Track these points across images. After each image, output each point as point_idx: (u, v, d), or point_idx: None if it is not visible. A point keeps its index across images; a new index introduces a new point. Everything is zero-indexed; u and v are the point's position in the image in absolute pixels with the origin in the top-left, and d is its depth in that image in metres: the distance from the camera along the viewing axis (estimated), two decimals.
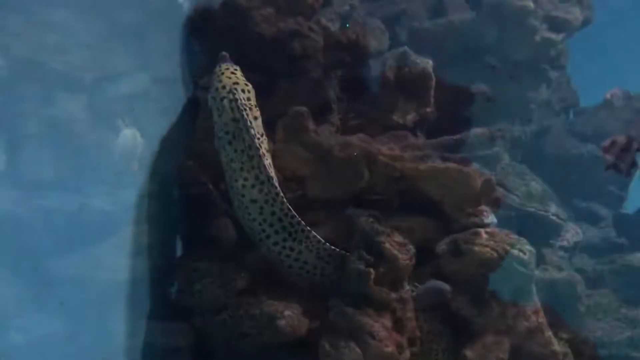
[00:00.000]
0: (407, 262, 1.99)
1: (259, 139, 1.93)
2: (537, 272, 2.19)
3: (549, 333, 2.06)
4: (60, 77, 1.57)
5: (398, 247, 2.00)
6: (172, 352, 2.04)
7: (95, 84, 1.72)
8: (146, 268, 2.03)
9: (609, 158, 2.18)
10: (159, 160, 2.08)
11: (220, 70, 1.97)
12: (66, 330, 1.61)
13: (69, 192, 1.62)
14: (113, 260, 1.86)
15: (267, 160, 1.95)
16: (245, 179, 1.94)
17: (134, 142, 1.92)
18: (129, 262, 1.93)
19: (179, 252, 2.22)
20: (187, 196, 2.25)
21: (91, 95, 1.69)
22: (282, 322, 1.94)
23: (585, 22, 2.81)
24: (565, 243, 2.49)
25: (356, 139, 2.18)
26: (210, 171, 2.22)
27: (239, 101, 1.90)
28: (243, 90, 1.94)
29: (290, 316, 1.96)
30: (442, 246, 2.10)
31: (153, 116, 2.08)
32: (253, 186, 1.94)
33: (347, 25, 2.47)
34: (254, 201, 1.95)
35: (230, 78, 1.95)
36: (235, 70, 1.98)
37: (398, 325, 1.99)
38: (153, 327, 1.99)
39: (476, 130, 2.25)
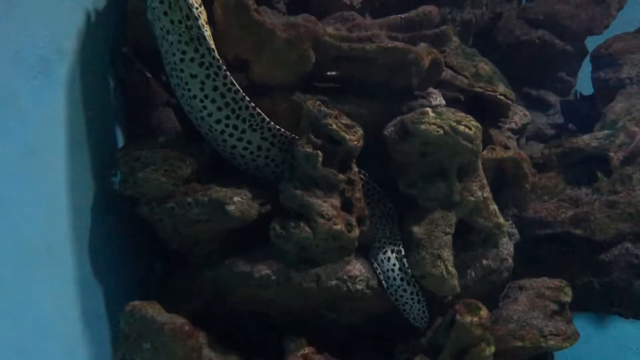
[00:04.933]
0: (355, 143, 1.97)
1: (197, 8, 1.82)
2: (484, 152, 2.21)
3: (494, 207, 2.11)
4: None
5: (345, 129, 1.97)
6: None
7: None
8: (86, 160, 1.96)
9: None
10: (91, 45, 1.96)
11: None
12: (2, 223, 1.55)
13: None
14: (49, 149, 1.77)
15: (207, 32, 1.85)
16: (184, 52, 1.84)
17: None
18: (67, 151, 1.84)
19: (120, 143, 2.15)
20: (125, 86, 2.15)
21: None
22: (231, 207, 1.93)
23: None
24: (513, 125, 2.49)
25: (301, 19, 2.08)
26: (147, 58, 2.12)
27: None
28: None
29: (239, 201, 1.95)
30: (389, 128, 2.08)
31: (79, 1, 1.93)
32: (192, 60, 1.85)
33: None
34: (193, 76, 1.87)
35: None
36: None
37: (347, 205, 2.01)
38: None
39: (424, 8, 2.17)
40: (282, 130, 2.02)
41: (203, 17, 1.86)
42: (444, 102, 2.24)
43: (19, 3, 1.63)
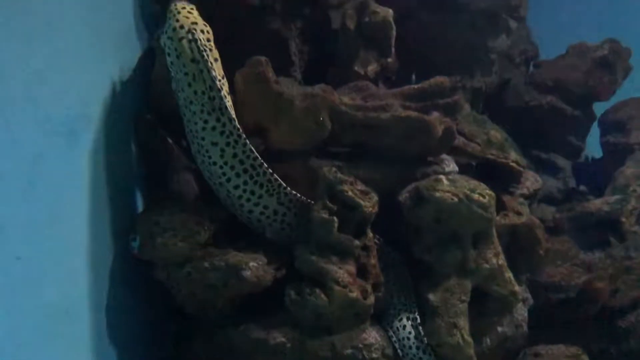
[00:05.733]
0: (370, 209, 2.01)
1: (220, 80, 1.89)
2: (497, 218, 2.23)
3: (509, 274, 2.12)
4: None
5: (361, 195, 2.01)
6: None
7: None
8: (107, 224, 2.00)
9: None
10: (116, 113, 2.03)
11: (177, 9, 1.90)
12: (25, 284, 1.57)
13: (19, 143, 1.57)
14: (72, 214, 1.82)
15: (229, 102, 1.92)
16: (206, 122, 1.91)
17: None
18: (89, 216, 1.89)
19: (140, 207, 2.19)
20: (147, 151, 2.21)
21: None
22: (247, 273, 1.95)
23: None
24: (525, 190, 2.53)
25: (318, 89, 2.16)
26: (169, 124, 2.19)
27: (199, 42, 1.85)
28: (202, 31, 1.88)
29: (255, 267, 1.97)
30: (404, 194, 2.12)
31: (107, 68, 2.02)
32: (214, 128, 1.91)
33: None
34: (214, 144, 1.92)
35: (187, 17, 1.88)
36: (192, 9, 1.92)
37: (362, 271, 2.02)
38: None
39: (436, 79, 2.25)
40: (298, 195, 2.06)
41: (225, 88, 1.94)
42: (456, 169, 2.28)
43: (51, 73, 1.71)
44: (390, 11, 2.39)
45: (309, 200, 2.06)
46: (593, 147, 3.39)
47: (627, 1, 4.13)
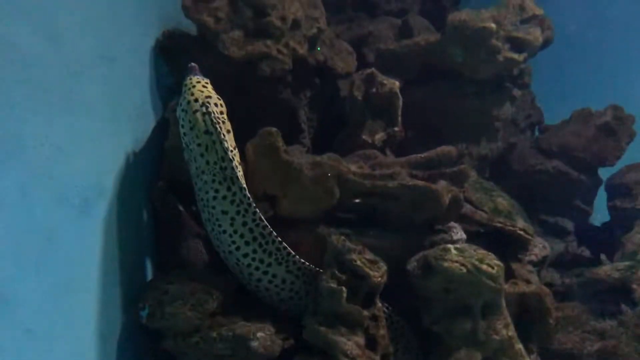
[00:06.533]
0: (379, 279, 2.01)
1: (231, 151, 1.94)
2: (506, 286, 2.22)
3: (519, 346, 2.09)
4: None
5: (370, 265, 2.02)
6: None
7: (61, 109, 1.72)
8: (116, 292, 2.01)
9: None
10: (129, 183, 2.08)
11: (192, 83, 1.97)
12: (34, 357, 1.57)
13: (35, 217, 1.60)
14: (83, 285, 1.83)
15: (240, 172, 1.96)
16: (217, 191, 1.95)
17: None
18: (99, 287, 1.90)
19: (149, 275, 2.20)
20: (158, 218, 2.24)
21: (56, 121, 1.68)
22: (255, 344, 1.94)
23: (547, 42, 2.90)
24: (533, 257, 2.52)
25: (326, 158, 2.21)
26: (180, 192, 2.23)
27: (212, 114, 1.91)
28: (216, 104, 1.95)
29: (263, 337, 1.96)
30: (412, 263, 2.13)
31: (121, 140, 2.07)
32: (225, 197, 1.94)
33: (317, 48, 2.51)
34: (224, 212, 1.96)
35: (202, 91, 1.95)
36: (207, 83, 2.00)
37: (371, 342, 2.00)
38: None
39: (443, 148, 2.29)
40: (307, 263, 2.07)
41: (236, 159, 1.99)
42: (464, 237, 2.29)
43: (69, 147, 1.76)
44: (397, 83, 2.46)
45: (317, 269, 2.06)
46: (602, 209, 3.39)
47: (630, 67, 4.22)
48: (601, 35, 3.98)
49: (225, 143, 1.92)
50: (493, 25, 2.51)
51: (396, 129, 2.48)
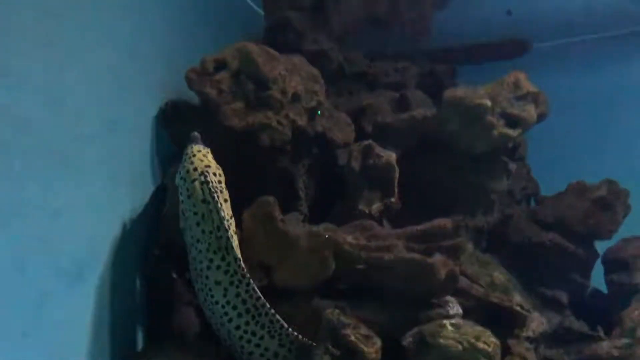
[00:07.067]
0: (374, 355, 1.97)
1: (227, 220, 1.95)
2: None
3: None
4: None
5: (364, 340, 1.99)
6: None
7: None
8: None
9: None
10: (124, 249, 2.07)
11: (192, 152, 2.00)
12: None
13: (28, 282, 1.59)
14: (72, 351, 1.79)
15: (235, 242, 1.96)
16: (211, 260, 1.94)
17: None
18: (89, 354, 1.86)
19: (140, 342, 2.16)
20: (152, 286, 2.22)
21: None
22: None
23: (541, 117, 2.96)
24: (530, 333, 2.49)
25: (322, 228, 2.21)
26: (175, 260, 2.22)
27: (211, 184, 1.93)
28: (215, 174, 1.97)
29: None
30: (408, 338, 2.09)
31: (119, 206, 2.09)
32: (218, 267, 1.94)
33: (318, 113, 2.56)
34: (218, 282, 1.94)
35: (202, 161, 1.98)
36: (207, 152, 2.03)
37: None
38: None
39: (439, 221, 2.30)
40: (300, 337, 2.03)
41: (232, 228, 1.99)
42: (460, 311, 2.26)
43: (66, 213, 1.77)
44: (394, 155, 2.50)
45: (311, 342, 2.03)
46: (599, 282, 3.36)
47: (622, 138, 4.27)
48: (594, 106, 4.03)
49: (221, 212, 1.93)
50: (488, 103, 2.57)
51: (392, 199, 2.49)
